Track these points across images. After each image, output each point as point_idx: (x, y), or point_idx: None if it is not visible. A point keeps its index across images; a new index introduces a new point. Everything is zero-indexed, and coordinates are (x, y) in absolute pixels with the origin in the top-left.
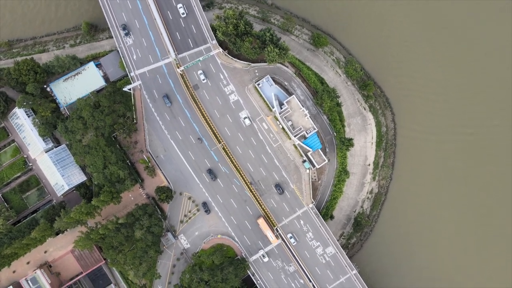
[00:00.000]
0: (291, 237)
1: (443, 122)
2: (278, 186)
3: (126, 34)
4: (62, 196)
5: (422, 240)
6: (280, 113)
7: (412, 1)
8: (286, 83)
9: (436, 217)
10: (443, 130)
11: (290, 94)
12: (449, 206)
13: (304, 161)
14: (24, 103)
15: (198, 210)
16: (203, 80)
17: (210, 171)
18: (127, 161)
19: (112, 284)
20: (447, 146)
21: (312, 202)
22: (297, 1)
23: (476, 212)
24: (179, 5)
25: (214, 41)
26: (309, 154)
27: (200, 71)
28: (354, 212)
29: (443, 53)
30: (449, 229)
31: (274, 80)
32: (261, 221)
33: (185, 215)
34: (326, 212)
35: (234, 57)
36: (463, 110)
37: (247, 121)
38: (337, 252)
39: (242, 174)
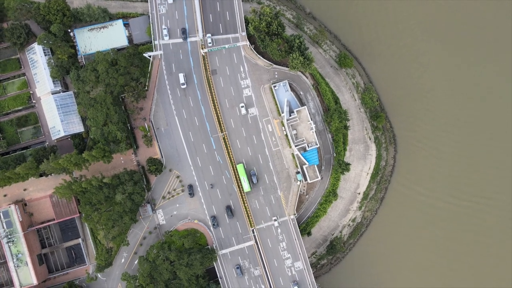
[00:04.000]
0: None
1: (441, 183)
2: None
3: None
4: (55, 141)
5: (389, 282)
6: (287, 120)
7: (448, 57)
8: (301, 93)
9: (409, 265)
10: (438, 190)
11: (302, 104)
12: (423, 259)
13: (298, 172)
14: (45, 41)
15: (182, 190)
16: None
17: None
18: (128, 124)
19: (80, 239)
20: (438, 206)
21: (295, 214)
22: (333, 17)
23: (451, 276)
24: None
25: (244, 33)
26: (304, 167)
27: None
28: (332, 235)
29: (463, 117)
30: (419, 283)
31: (290, 87)
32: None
33: (168, 192)
34: (305, 227)
35: (259, 54)
36: (464, 181)
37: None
38: (304, 269)
39: (235, 168)
